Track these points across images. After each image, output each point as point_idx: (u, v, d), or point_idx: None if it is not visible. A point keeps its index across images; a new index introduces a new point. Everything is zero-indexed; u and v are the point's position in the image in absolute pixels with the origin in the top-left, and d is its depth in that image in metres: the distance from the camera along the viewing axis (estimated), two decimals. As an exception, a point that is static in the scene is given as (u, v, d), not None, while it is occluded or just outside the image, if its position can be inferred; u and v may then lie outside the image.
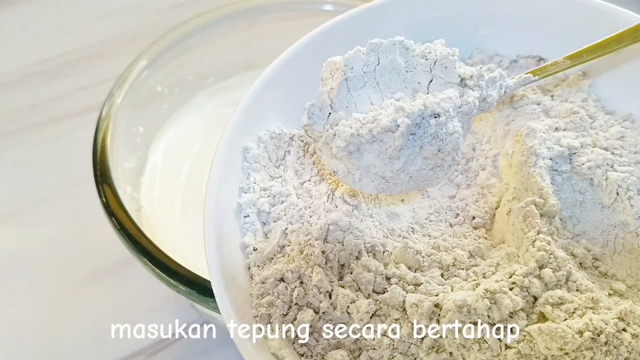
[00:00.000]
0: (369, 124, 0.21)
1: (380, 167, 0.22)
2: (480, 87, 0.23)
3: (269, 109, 0.27)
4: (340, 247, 0.23)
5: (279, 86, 0.28)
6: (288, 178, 0.26)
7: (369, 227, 0.24)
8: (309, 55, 0.28)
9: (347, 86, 0.22)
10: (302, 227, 0.24)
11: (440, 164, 0.22)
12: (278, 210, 0.24)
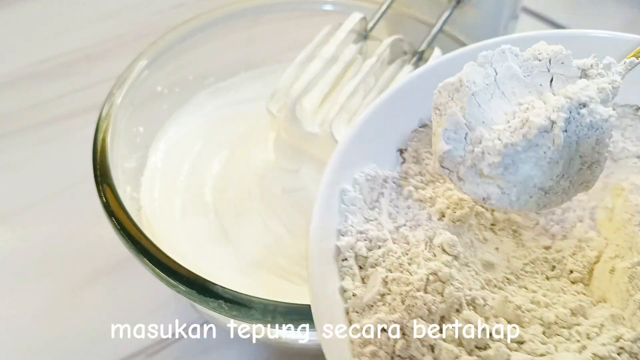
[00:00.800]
0: (520, 129, 0.20)
1: (540, 177, 0.21)
2: (601, 74, 0.22)
3: (363, 151, 0.28)
4: (440, 298, 0.22)
5: (373, 129, 0.28)
6: (383, 221, 0.26)
7: (467, 277, 0.23)
8: (400, 101, 0.29)
9: (476, 101, 0.21)
10: (402, 276, 0.23)
11: (597, 159, 0.21)
12: (376, 256, 0.24)
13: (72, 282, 0.38)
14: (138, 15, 0.59)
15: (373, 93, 0.34)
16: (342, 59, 0.34)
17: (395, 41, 0.35)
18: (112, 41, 0.56)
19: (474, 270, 0.24)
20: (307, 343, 0.33)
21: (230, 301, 0.25)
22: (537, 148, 0.20)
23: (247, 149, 0.38)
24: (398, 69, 0.35)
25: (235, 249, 0.33)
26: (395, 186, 0.28)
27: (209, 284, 0.25)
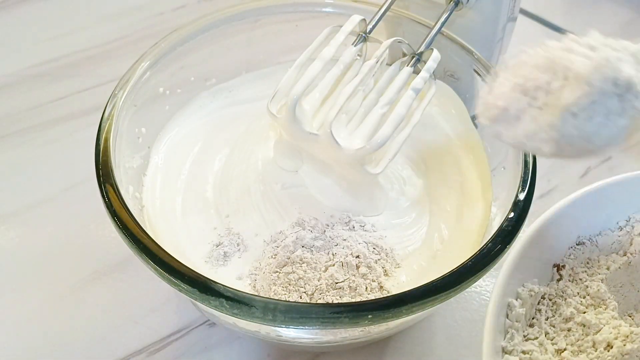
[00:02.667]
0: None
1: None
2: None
3: (526, 265, 0.29)
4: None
5: (535, 244, 0.30)
6: (544, 342, 0.27)
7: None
8: (559, 219, 0.31)
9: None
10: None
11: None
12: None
13: (75, 281, 0.39)
14: (140, 18, 0.59)
15: (372, 94, 0.35)
16: (341, 61, 0.34)
17: (394, 43, 0.35)
18: (115, 43, 0.56)
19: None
20: (307, 341, 0.33)
21: (231, 300, 0.25)
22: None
23: (248, 148, 0.38)
24: (397, 70, 0.36)
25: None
26: (551, 304, 0.29)
27: (210, 283, 0.26)
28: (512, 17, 0.44)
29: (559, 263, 0.32)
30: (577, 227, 0.33)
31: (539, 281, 0.30)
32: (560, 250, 0.32)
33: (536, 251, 0.30)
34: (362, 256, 0.32)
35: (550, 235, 0.31)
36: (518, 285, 0.30)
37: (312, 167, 0.36)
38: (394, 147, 0.33)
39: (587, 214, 0.32)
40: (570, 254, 0.32)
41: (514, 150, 0.34)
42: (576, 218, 0.32)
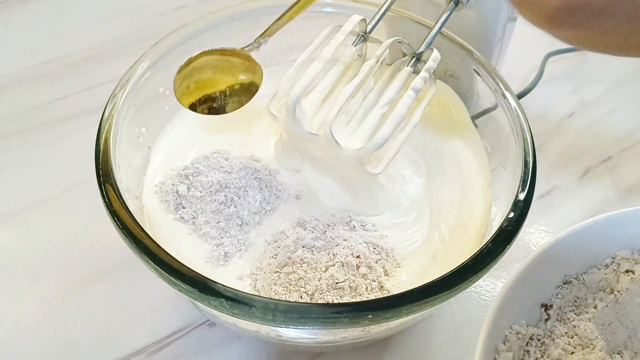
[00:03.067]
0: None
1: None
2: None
3: (512, 308, 0.30)
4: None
5: (522, 286, 0.30)
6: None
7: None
8: (547, 258, 0.31)
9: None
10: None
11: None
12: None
13: (75, 281, 0.39)
14: (140, 18, 0.59)
15: (372, 94, 0.35)
16: (341, 61, 0.34)
17: (394, 43, 0.35)
18: (115, 43, 0.56)
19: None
20: (307, 341, 0.33)
21: (231, 299, 0.25)
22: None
23: (248, 147, 0.38)
24: (397, 70, 0.36)
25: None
26: (540, 344, 0.29)
27: (210, 283, 0.26)
28: (512, 17, 0.44)
29: (547, 303, 0.32)
30: (564, 266, 0.33)
31: (526, 322, 0.31)
32: (547, 290, 0.32)
33: (524, 291, 0.31)
34: (362, 256, 0.32)
35: (538, 274, 0.31)
36: (506, 328, 0.30)
37: (313, 167, 0.36)
38: (394, 147, 0.33)
39: (573, 252, 0.32)
40: (558, 293, 0.33)
41: (514, 150, 0.34)
42: (562, 257, 0.32)
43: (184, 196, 0.35)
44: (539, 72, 0.51)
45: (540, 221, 0.44)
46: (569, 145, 0.49)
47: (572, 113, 0.52)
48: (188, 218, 0.34)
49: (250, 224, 0.34)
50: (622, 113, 0.52)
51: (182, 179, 0.35)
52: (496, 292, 0.39)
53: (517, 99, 0.35)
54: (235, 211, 0.34)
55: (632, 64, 0.57)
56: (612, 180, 0.47)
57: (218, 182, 0.35)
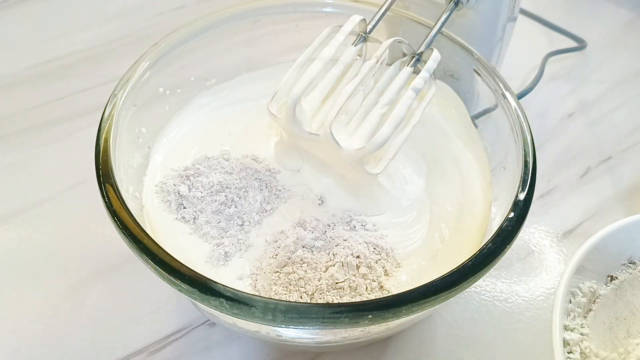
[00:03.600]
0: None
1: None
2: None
3: (589, 268, 0.34)
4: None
5: (597, 252, 0.34)
6: (593, 336, 0.32)
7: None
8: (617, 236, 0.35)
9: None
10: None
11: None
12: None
13: (75, 281, 0.39)
14: (140, 18, 0.59)
15: (372, 94, 0.35)
16: (341, 61, 0.34)
17: (394, 43, 0.35)
18: (115, 43, 0.56)
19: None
20: (307, 341, 0.33)
21: (231, 299, 0.25)
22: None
23: (248, 147, 0.38)
24: (397, 70, 0.36)
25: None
26: (604, 303, 0.34)
27: (210, 283, 0.26)
28: (512, 17, 0.44)
29: (613, 274, 0.36)
30: (629, 247, 0.36)
31: (596, 283, 0.35)
32: (613, 264, 0.36)
33: (593, 260, 0.34)
34: (362, 256, 0.32)
35: (606, 249, 0.35)
36: (579, 282, 0.34)
37: (313, 167, 0.36)
38: (394, 147, 0.33)
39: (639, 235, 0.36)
40: (623, 269, 0.36)
41: (514, 150, 0.34)
42: (629, 238, 0.36)
43: (185, 196, 0.35)
44: (539, 72, 0.51)
45: (540, 221, 0.44)
46: (569, 145, 0.49)
47: (572, 113, 0.52)
48: (189, 218, 0.34)
49: (250, 224, 0.34)
50: (622, 113, 0.52)
51: (183, 180, 0.36)
52: (496, 292, 0.39)
53: (517, 99, 0.35)
54: (235, 211, 0.34)
55: (632, 64, 0.57)
56: (612, 180, 0.47)
57: (219, 183, 0.35)
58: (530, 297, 0.39)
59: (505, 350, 0.37)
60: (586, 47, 0.57)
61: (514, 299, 0.39)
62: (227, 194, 0.35)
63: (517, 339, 0.37)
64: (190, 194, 0.35)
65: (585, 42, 0.57)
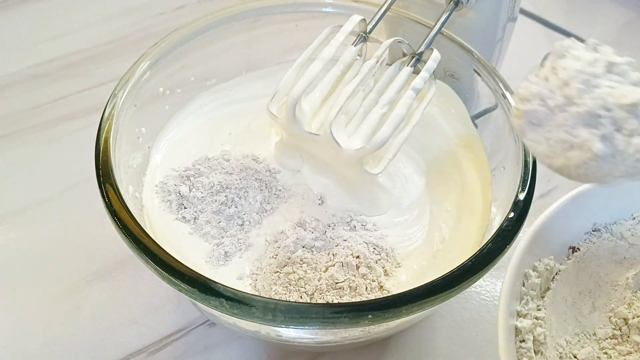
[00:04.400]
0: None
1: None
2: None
3: (542, 244, 0.31)
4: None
5: (552, 226, 0.32)
6: (552, 316, 0.30)
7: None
8: (577, 204, 0.33)
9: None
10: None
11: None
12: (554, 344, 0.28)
13: (75, 281, 0.39)
14: (140, 17, 0.59)
15: (372, 94, 0.35)
16: (341, 61, 0.34)
17: (394, 43, 0.35)
18: (115, 43, 0.56)
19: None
20: (307, 341, 0.33)
21: (231, 299, 0.25)
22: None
23: (248, 146, 0.38)
24: (397, 70, 0.36)
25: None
26: (564, 279, 0.31)
27: (210, 283, 0.26)
28: (512, 17, 0.44)
29: (575, 245, 0.33)
30: (594, 215, 0.34)
31: (554, 259, 0.32)
32: (576, 234, 0.34)
33: (553, 231, 0.32)
34: (362, 256, 0.32)
35: (568, 218, 0.33)
36: (535, 259, 0.31)
37: (313, 167, 0.36)
38: (394, 147, 0.33)
39: (604, 202, 0.33)
40: (586, 239, 0.34)
41: (514, 150, 0.34)
42: (593, 205, 0.33)
43: (185, 197, 0.35)
44: (539, 72, 0.51)
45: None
46: (569, 145, 0.49)
47: (572, 113, 0.52)
48: (189, 218, 0.34)
49: (250, 224, 0.34)
50: (622, 113, 0.52)
51: (183, 180, 0.36)
52: (496, 292, 0.39)
53: (517, 99, 0.35)
54: (235, 211, 0.34)
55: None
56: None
57: (219, 183, 0.35)
58: (530, 297, 0.39)
59: (505, 350, 0.36)
60: (586, 47, 0.57)
61: (514, 299, 0.39)
62: (228, 194, 0.35)
63: (517, 339, 0.37)
64: (190, 194, 0.35)
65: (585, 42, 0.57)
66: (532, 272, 0.31)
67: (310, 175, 0.36)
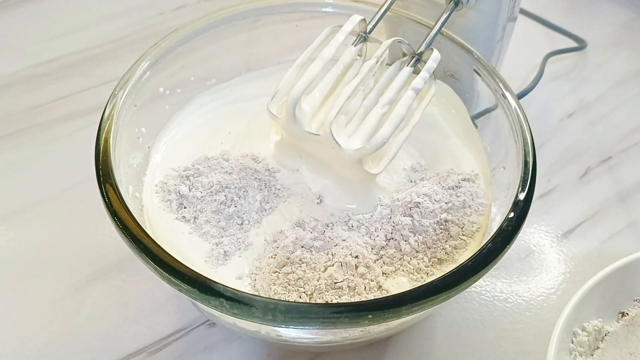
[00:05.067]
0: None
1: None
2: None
3: (592, 306, 0.34)
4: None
5: (602, 290, 0.34)
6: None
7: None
8: (626, 272, 0.35)
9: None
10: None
11: None
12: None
13: (75, 281, 0.39)
14: (140, 18, 0.59)
15: (372, 94, 0.35)
16: (341, 61, 0.34)
17: (394, 43, 0.35)
18: (115, 43, 0.56)
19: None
20: (307, 341, 0.33)
21: (231, 299, 0.25)
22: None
23: (248, 146, 0.38)
24: (397, 70, 0.36)
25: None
26: (614, 340, 0.33)
27: (210, 283, 0.26)
28: (512, 17, 0.44)
29: (624, 311, 0.35)
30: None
31: (603, 321, 0.34)
32: (625, 299, 0.35)
33: (604, 295, 0.34)
34: (360, 256, 0.32)
35: (616, 283, 0.34)
36: (583, 320, 0.33)
37: (312, 166, 0.36)
38: (394, 147, 0.33)
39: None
40: (635, 305, 0.35)
41: (514, 150, 0.34)
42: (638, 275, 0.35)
43: (185, 196, 0.35)
44: (539, 72, 0.51)
45: (540, 221, 0.44)
46: (569, 145, 0.49)
47: (572, 113, 0.52)
48: (189, 217, 0.34)
49: (250, 223, 0.34)
50: (622, 113, 0.52)
51: (183, 180, 0.36)
52: (496, 292, 0.39)
53: (517, 99, 0.35)
54: (235, 211, 0.34)
55: (632, 64, 0.57)
56: (612, 180, 0.47)
57: (219, 183, 0.35)
58: (530, 297, 0.39)
59: (505, 350, 0.37)
60: (586, 47, 0.57)
61: (514, 299, 0.39)
62: (227, 194, 0.35)
63: (517, 339, 0.37)
64: (190, 193, 0.35)
65: (585, 42, 0.57)
66: (580, 331, 0.32)
67: (309, 175, 0.36)
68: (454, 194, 0.35)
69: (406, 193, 0.35)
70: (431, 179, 0.37)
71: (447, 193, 0.35)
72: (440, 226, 0.34)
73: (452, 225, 0.34)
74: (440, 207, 0.34)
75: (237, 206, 0.34)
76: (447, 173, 0.37)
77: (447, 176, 0.37)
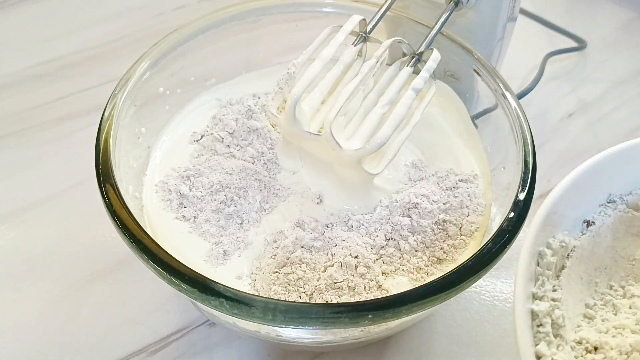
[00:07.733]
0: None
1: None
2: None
3: (556, 219, 0.30)
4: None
5: (566, 200, 0.30)
6: (568, 297, 0.28)
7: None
8: (591, 176, 0.31)
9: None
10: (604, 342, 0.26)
11: None
12: (570, 327, 0.26)
13: (75, 281, 0.39)
14: (140, 17, 0.59)
15: (372, 94, 0.35)
16: (341, 61, 0.34)
17: (394, 43, 0.35)
18: (115, 43, 0.56)
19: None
20: (307, 341, 0.33)
21: (231, 299, 0.25)
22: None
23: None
24: (397, 70, 0.36)
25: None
26: (580, 255, 0.30)
27: (210, 283, 0.26)
28: (512, 17, 0.44)
29: (589, 219, 0.32)
30: (608, 185, 0.32)
31: (569, 234, 0.31)
32: (590, 207, 0.32)
33: (567, 206, 0.31)
34: (360, 256, 0.32)
35: (581, 190, 0.31)
36: (549, 236, 0.30)
37: (312, 166, 0.36)
38: (394, 148, 0.33)
39: (619, 171, 0.31)
40: (601, 211, 0.32)
41: (514, 150, 0.34)
42: (607, 176, 0.32)
43: (185, 196, 0.35)
44: (539, 72, 0.51)
45: (540, 221, 0.44)
46: (569, 145, 0.49)
47: (572, 113, 0.52)
48: (189, 217, 0.34)
49: (249, 223, 0.34)
50: (622, 113, 0.52)
51: (183, 180, 0.36)
52: (496, 292, 0.39)
53: (517, 99, 0.35)
54: (235, 210, 0.34)
55: (632, 64, 0.57)
56: (612, 180, 0.47)
57: (219, 182, 0.35)
58: (530, 297, 0.39)
59: (505, 350, 0.37)
60: (586, 47, 0.57)
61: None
62: (227, 194, 0.35)
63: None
64: (190, 193, 0.35)
65: (585, 42, 0.57)
66: (547, 250, 0.29)
67: (309, 175, 0.36)
68: (451, 195, 0.35)
69: (405, 194, 0.35)
70: (430, 180, 0.37)
71: (445, 194, 0.35)
72: (439, 226, 0.34)
73: (450, 225, 0.34)
74: (438, 207, 0.34)
75: (237, 206, 0.34)
76: (445, 173, 0.37)
77: (445, 177, 0.37)
